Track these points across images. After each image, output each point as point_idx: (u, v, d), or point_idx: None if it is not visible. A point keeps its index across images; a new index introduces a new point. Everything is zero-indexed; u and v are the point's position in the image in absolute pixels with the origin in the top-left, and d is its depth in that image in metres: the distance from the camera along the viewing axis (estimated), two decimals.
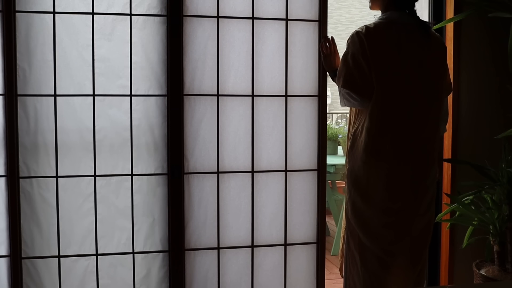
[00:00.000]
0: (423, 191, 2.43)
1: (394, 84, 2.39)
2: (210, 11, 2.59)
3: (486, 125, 3.06)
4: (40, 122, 2.47)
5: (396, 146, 2.39)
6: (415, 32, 2.42)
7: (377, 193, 2.40)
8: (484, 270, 2.80)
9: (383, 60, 2.38)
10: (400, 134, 2.40)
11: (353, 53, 2.39)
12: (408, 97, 2.41)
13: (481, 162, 2.90)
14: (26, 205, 2.48)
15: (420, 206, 2.43)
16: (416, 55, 2.41)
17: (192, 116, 2.60)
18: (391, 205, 2.40)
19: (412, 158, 2.40)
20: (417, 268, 2.48)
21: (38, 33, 2.45)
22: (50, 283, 2.53)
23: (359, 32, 2.39)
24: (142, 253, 2.61)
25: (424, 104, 2.42)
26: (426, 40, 2.44)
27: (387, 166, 2.39)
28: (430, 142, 2.46)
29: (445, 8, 3.05)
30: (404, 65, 2.40)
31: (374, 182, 2.40)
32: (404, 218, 2.42)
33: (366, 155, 2.39)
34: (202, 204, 2.64)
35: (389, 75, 2.39)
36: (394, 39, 2.40)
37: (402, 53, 2.40)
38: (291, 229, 2.75)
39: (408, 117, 2.40)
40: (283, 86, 2.69)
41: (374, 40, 2.37)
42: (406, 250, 2.43)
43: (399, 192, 2.40)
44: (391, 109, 2.40)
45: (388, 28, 2.41)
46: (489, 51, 3.05)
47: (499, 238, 2.77)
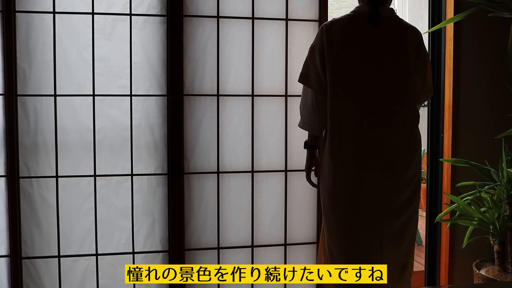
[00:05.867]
0: (393, 193, 2.29)
1: (349, 79, 2.26)
2: (210, 11, 2.59)
3: (486, 125, 3.06)
4: (40, 122, 2.47)
5: (359, 150, 2.25)
6: (372, 22, 2.27)
7: (344, 198, 2.28)
8: (484, 270, 2.80)
9: (338, 54, 2.25)
10: (362, 135, 2.26)
11: (313, 46, 2.32)
12: (369, 93, 2.26)
13: (481, 162, 2.90)
14: (26, 205, 2.48)
15: (389, 209, 2.29)
16: (378, 50, 2.27)
17: (192, 116, 2.60)
18: (357, 209, 2.26)
19: (378, 164, 2.25)
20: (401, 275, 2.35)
21: (38, 33, 2.45)
22: (50, 283, 2.53)
23: (323, 25, 2.29)
24: (142, 253, 2.61)
25: (388, 102, 2.27)
26: (391, 32, 2.30)
27: (351, 174, 2.26)
28: (401, 145, 2.29)
29: (445, 8, 3.05)
30: (363, 60, 2.26)
31: (340, 186, 2.27)
32: (372, 221, 2.28)
33: (331, 157, 2.28)
34: (202, 204, 2.64)
35: (343, 69, 2.25)
36: (352, 32, 2.27)
37: (361, 48, 2.26)
38: (291, 229, 2.75)
39: (370, 116, 2.25)
40: (283, 86, 2.69)
41: (332, 34, 2.26)
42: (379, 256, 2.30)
43: (364, 195, 2.27)
44: (347, 108, 2.25)
45: (350, 21, 2.29)
46: (489, 51, 3.05)
47: (499, 238, 2.77)
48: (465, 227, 2.90)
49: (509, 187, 2.69)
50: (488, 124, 3.06)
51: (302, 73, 2.31)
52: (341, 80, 2.24)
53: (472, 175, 2.92)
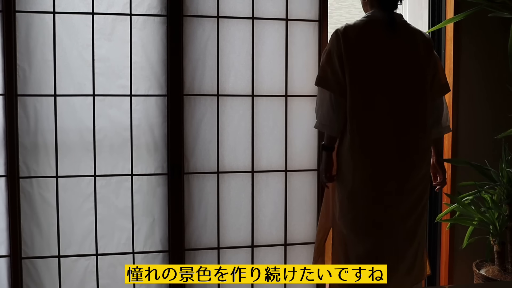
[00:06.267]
0: (408, 192, 2.39)
1: (369, 82, 2.36)
2: (210, 11, 2.59)
3: (486, 125, 3.06)
4: (40, 122, 2.47)
5: (378, 150, 2.36)
6: (390, 28, 2.40)
7: (363, 198, 2.37)
8: (484, 270, 2.80)
9: (358, 59, 2.35)
10: (381, 135, 2.37)
11: (329, 50, 2.39)
12: (388, 96, 2.37)
13: (481, 162, 2.89)
14: (26, 205, 2.48)
15: (405, 208, 2.39)
16: (393, 52, 2.39)
17: (192, 116, 2.60)
18: (376, 207, 2.37)
19: (396, 160, 2.36)
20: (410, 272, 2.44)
21: (38, 33, 2.45)
22: (50, 283, 2.53)
23: (337, 30, 2.38)
24: (142, 253, 2.61)
25: (406, 104, 2.38)
26: (406, 36, 2.42)
27: (370, 170, 2.35)
28: (418, 145, 2.41)
29: (445, 8, 3.05)
30: (380, 63, 2.37)
31: (359, 183, 2.37)
32: (390, 220, 2.38)
33: (352, 157, 2.36)
34: (202, 204, 2.64)
35: (363, 73, 2.36)
36: (370, 37, 2.38)
37: (377, 51, 2.37)
38: (291, 229, 2.75)
39: (389, 118, 2.36)
40: (283, 86, 2.69)
41: (349, 38, 2.35)
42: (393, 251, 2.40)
43: (383, 194, 2.37)
44: (367, 109, 2.36)
45: (366, 26, 2.40)
46: (489, 51, 3.05)
47: (499, 238, 2.77)
48: (465, 227, 2.90)
49: (509, 187, 2.69)
50: (488, 124, 3.06)
51: (319, 76, 2.39)
52: (361, 83, 2.35)
53: (472, 175, 2.92)
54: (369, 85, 2.36)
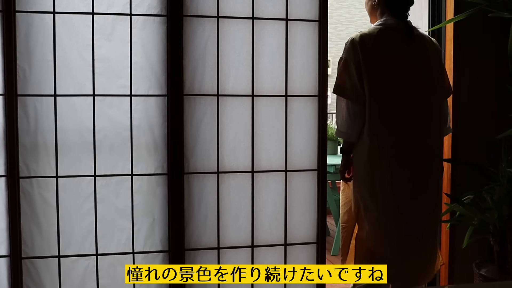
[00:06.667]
0: (424, 191, 2.53)
1: (388, 90, 2.48)
2: (210, 11, 2.59)
3: (486, 125, 3.06)
4: (40, 122, 2.47)
5: (396, 152, 2.50)
6: (408, 37, 2.50)
7: (383, 195, 2.52)
8: (484, 270, 2.80)
9: (375, 66, 2.46)
10: (401, 139, 2.50)
11: (346, 59, 2.51)
12: (405, 103, 2.50)
13: (481, 162, 2.90)
14: (26, 205, 2.48)
15: (423, 208, 2.53)
16: (410, 60, 2.50)
17: (192, 116, 2.60)
18: (396, 209, 2.52)
19: (413, 164, 2.51)
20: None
21: (38, 33, 2.45)
22: (50, 283, 2.53)
23: (353, 39, 2.50)
24: (142, 253, 2.61)
25: (423, 109, 2.51)
26: (420, 45, 2.53)
27: (389, 173, 2.50)
28: (433, 147, 2.56)
29: (445, 8, 3.06)
30: (398, 71, 2.49)
31: (380, 185, 2.51)
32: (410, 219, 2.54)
33: (369, 160, 2.50)
34: (202, 204, 2.64)
35: (382, 81, 2.47)
36: (388, 45, 2.49)
37: (396, 59, 2.49)
38: (291, 229, 2.75)
39: (405, 123, 2.49)
40: (283, 86, 2.69)
41: (366, 47, 2.46)
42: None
43: (402, 195, 2.51)
44: (386, 116, 2.48)
45: (382, 34, 2.50)
46: (489, 51, 3.05)
47: (499, 238, 2.77)
48: (465, 227, 2.90)
49: (509, 187, 2.69)
50: (488, 124, 3.06)
51: (337, 85, 2.53)
52: (380, 90, 2.48)
53: (472, 175, 2.92)
54: (387, 92, 2.48)
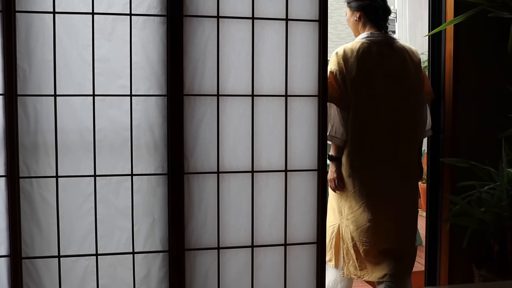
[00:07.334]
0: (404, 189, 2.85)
1: (371, 100, 2.75)
2: (210, 11, 2.59)
3: (486, 125, 3.06)
4: (40, 122, 2.47)
5: (378, 160, 2.77)
6: (388, 48, 2.78)
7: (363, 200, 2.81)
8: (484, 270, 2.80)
9: (356, 77, 2.73)
10: (382, 148, 2.76)
11: (331, 70, 2.80)
12: (386, 109, 2.75)
13: (481, 162, 2.90)
14: (26, 205, 2.48)
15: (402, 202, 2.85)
16: (390, 70, 2.76)
17: (192, 116, 2.60)
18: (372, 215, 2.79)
19: (394, 173, 2.77)
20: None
21: (38, 33, 2.45)
22: (50, 283, 2.53)
23: (337, 53, 2.80)
24: (142, 253, 2.61)
25: (404, 114, 2.77)
26: (400, 55, 2.80)
27: (369, 180, 2.78)
28: (412, 157, 2.85)
29: (445, 8, 3.05)
30: (379, 80, 2.75)
31: (359, 190, 2.80)
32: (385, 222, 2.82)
33: (351, 168, 2.78)
34: (202, 204, 2.64)
35: (363, 90, 2.75)
36: (369, 57, 2.75)
37: (376, 70, 2.74)
38: (291, 229, 2.75)
39: (389, 128, 2.76)
40: (283, 86, 2.69)
41: (348, 60, 2.75)
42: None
43: (383, 191, 2.80)
44: (370, 125, 2.75)
45: (363, 47, 2.77)
46: (489, 51, 3.05)
47: (499, 238, 2.77)
48: (465, 227, 2.90)
49: (509, 187, 2.69)
50: (488, 124, 3.06)
51: (328, 93, 2.72)
52: (362, 98, 2.76)
53: (472, 175, 2.92)
54: (368, 100, 2.75)
